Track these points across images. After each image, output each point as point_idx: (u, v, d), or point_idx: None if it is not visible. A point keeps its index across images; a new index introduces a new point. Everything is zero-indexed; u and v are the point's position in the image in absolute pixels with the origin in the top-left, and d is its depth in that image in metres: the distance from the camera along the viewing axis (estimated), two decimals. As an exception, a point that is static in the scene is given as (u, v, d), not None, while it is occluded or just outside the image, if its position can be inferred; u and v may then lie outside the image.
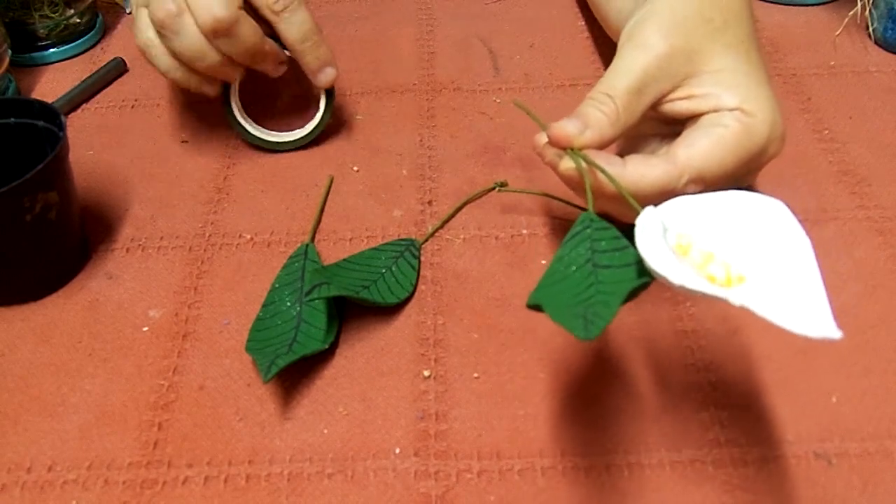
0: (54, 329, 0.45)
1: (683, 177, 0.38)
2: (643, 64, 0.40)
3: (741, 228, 0.31)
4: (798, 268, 0.27)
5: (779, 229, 0.29)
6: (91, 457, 0.39)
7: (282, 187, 0.53)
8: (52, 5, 0.66)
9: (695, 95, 0.41)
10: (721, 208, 0.32)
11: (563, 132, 0.39)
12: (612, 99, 0.40)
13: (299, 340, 0.42)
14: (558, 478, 0.38)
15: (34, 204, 0.43)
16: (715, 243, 0.31)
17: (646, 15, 0.41)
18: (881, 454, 0.38)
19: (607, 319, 0.30)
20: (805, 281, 0.27)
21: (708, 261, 0.31)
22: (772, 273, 0.29)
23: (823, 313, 0.25)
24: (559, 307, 0.32)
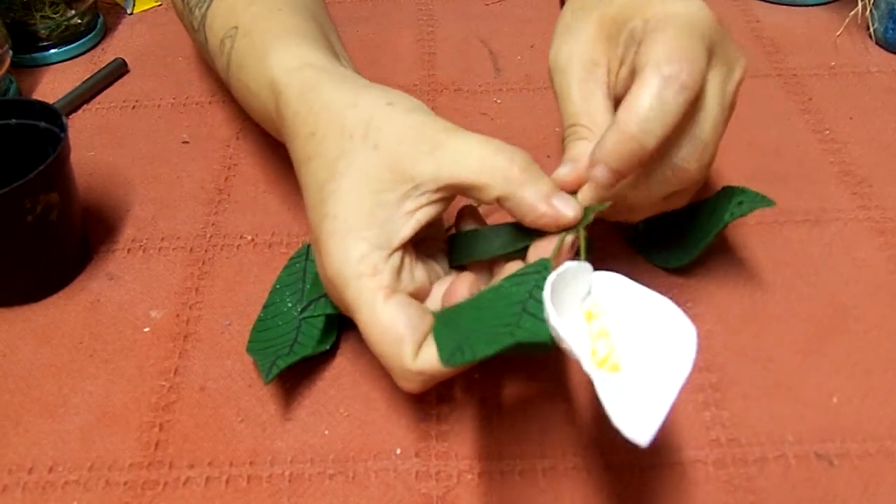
0: (55, 330, 0.45)
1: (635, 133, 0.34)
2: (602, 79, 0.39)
3: (646, 329, 0.32)
4: (664, 384, 0.29)
5: (675, 349, 0.31)
6: (92, 458, 0.39)
7: (283, 188, 0.53)
8: (53, 6, 0.66)
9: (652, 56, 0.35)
10: (645, 304, 0.33)
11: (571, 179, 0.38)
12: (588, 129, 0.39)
13: (300, 341, 0.42)
14: (559, 478, 0.38)
15: (35, 205, 0.43)
16: (617, 327, 0.32)
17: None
18: (882, 454, 0.38)
19: (475, 355, 0.31)
20: (661, 396, 0.29)
21: (601, 335, 0.32)
22: (640, 377, 0.30)
23: (650, 424, 0.28)
24: (456, 326, 0.34)
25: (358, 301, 0.34)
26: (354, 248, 0.34)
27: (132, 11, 0.74)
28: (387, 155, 0.35)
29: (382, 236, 0.35)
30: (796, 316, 0.44)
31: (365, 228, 0.34)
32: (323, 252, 0.35)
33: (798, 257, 0.47)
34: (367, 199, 0.35)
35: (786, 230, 0.49)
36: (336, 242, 0.35)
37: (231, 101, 0.61)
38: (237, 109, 0.60)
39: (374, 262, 0.34)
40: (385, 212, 0.35)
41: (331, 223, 0.35)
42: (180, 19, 0.56)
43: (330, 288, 0.36)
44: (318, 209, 0.36)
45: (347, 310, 0.35)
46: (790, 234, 0.49)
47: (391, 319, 0.34)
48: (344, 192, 0.35)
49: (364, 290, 0.34)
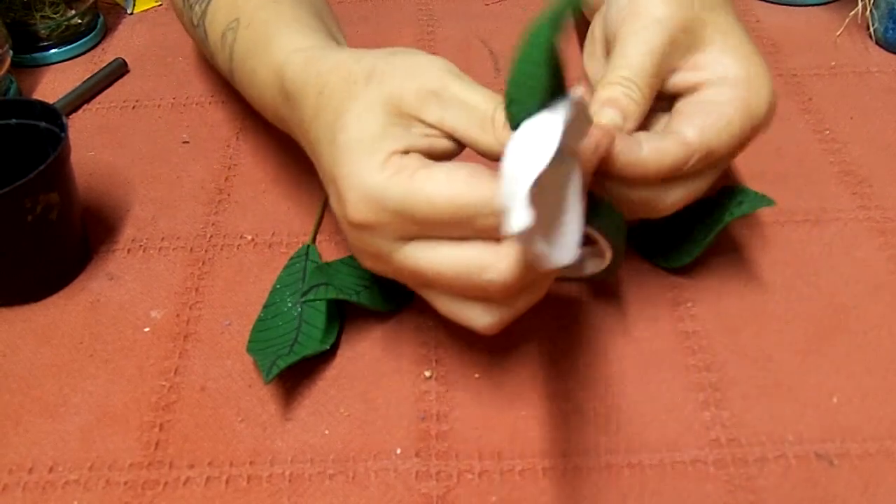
0: (55, 330, 0.45)
1: (694, 156, 0.37)
2: (659, 41, 0.38)
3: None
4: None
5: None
6: (92, 457, 0.39)
7: (283, 188, 0.53)
8: (53, 6, 0.66)
9: (700, 67, 0.39)
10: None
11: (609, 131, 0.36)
12: (636, 85, 0.38)
13: (300, 341, 0.42)
14: (559, 478, 0.38)
15: (35, 205, 0.43)
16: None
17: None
18: (882, 454, 0.38)
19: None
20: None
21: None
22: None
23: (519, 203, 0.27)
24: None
25: (408, 194, 0.32)
26: (373, 157, 0.33)
27: (132, 11, 0.74)
28: (392, 90, 0.35)
29: (399, 143, 0.34)
30: (796, 316, 0.44)
31: (380, 139, 0.34)
32: (344, 178, 0.34)
33: (798, 257, 0.47)
34: (378, 119, 0.34)
35: (786, 230, 0.49)
36: (354, 159, 0.34)
37: (231, 101, 0.61)
38: (237, 109, 0.61)
39: (397, 161, 0.33)
40: (397, 129, 0.34)
41: (345, 148, 0.34)
42: (178, 17, 0.56)
43: (368, 212, 0.34)
44: (330, 149, 0.35)
45: (403, 212, 0.33)
46: (790, 233, 0.49)
47: (449, 179, 0.32)
48: (354, 118, 0.34)
49: (402, 183, 0.33)
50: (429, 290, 0.36)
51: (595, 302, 0.45)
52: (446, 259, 0.33)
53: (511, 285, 0.33)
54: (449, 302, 0.35)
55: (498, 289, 0.33)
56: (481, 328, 0.35)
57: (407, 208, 0.33)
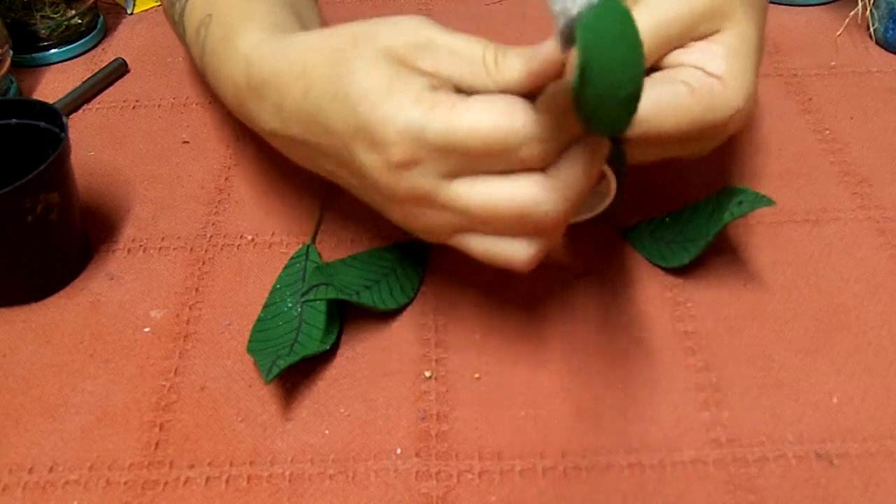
0: (56, 330, 0.45)
1: (641, 126, 0.36)
2: (680, 13, 0.37)
3: None
4: None
5: None
6: (92, 457, 0.39)
7: (283, 188, 0.53)
8: (53, 6, 0.66)
9: (694, 49, 0.38)
10: None
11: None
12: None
13: (300, 341, 0.42)
14: (559, 478, 0.38)
15: (35, 205, 0.43)
16: None
17: None
18: (882, 454, 0.38)
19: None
20: None
21: None
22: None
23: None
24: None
25: (450, 126, 0.32)
26: (405, 94, 0.33)
27: (132, 11, 0.74)
28: (386, 45, 0.34)
29: (423, 80, 0.33)
30: (796, 316, 0.44)
31: (404, 79, 0.33)
32: (379, 121, 0.33)
33: (798, 257, 0.47)
34: (389, 66, 0.34)
35: (786, 230, 0.49)
36: (385, 100, 0.33)
37: (231, 101, 0.61)
38: (237, 109, 0.60)
39: (430, 96, 0.33)
40: (412, 72, 0.34)
41: (365, 97, 0.33)
42: (165, 15, 0.56)
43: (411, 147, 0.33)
44: (344, 107, 0.34)
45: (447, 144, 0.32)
46: (790, 233, 0.49)
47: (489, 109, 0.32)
48: (362, 73, 0.34)
49: (443, 116, 0.32)
50: (464, 235, 0.35)
51: (594, 302, 0.45)
52: (498, 194, 0.33)
53: (565, 217, 0.33)
54: (488, 241, 0.35)
55: (554, 220, 0.33)
56: (523, 262, 0.34)
57: (451, 141, 0.32)
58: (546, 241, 0.34)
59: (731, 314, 0.44)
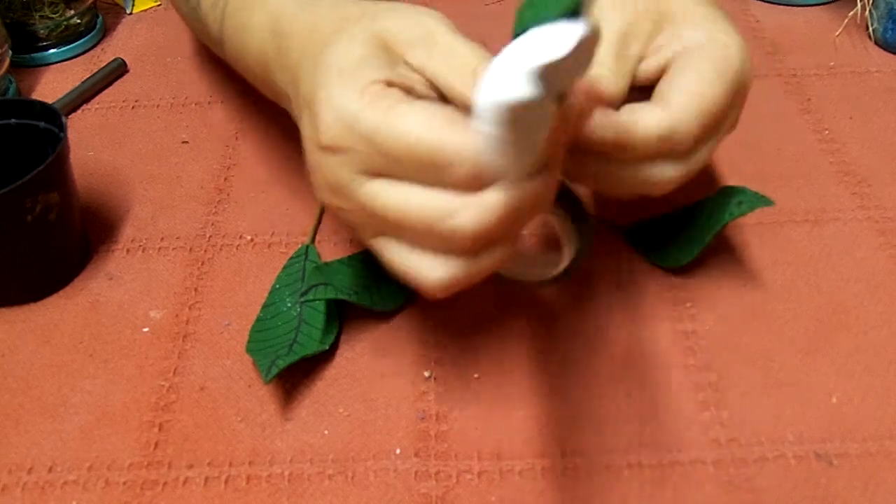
0: (55, 330, 0.45)
1: (685, 119, 0.37)
2: (616, 27, 0.39)
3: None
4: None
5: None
6: (92, 457, 0.39)
7: (282, 188, 0.53)
8: (52, 6, 0.66)
9: (664, 46, 0.39)
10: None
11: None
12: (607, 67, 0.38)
13: (300, 341, 0.42)
14: (559, 478, 0.38)
15: (35, 205, 0.43)
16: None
17: None
18: (882, 454, 0.38)
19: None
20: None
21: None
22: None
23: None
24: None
25: (382, 124, 0.31)
26: (354, 82, 0.32)
27: (131, 11, 0.74)
28: (383, 27, 0.34)
29: (381, 73, 0.33)
30: (796, 316, 0.44)
31: (363, 66, 0.33)
32: (321, 100, 0.33)
33: (798, 257, 0.47)
34: (364, 48, 0.33)
35: (785, 230, 0.49)
36: (334, 82, 0.33)
37: (230, 101, 0.61)
38: (237, 109, 0.60)
39: (378, 90, 0.32)
40: (381, 61, 0.33)
41: (326, 71, 0.33)
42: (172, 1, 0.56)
43: (340, 134, 0.32)
44: (311, 75, 0.34)
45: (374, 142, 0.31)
46: (790, 233, 0.49)
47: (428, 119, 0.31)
48: (339, 47, 0.34)
49: (379, 112, 0.31)
50: (381, 238, 0.34)
51: (594, 302, 0.45)
52: (412, 200, 0.31)
53: (478, 235, 0.31)
54: (402, 251, 0.33)
55: (463, 237, 0.31)
56: (433, 283, 0.33)
57: (379, 139, 0.31)
58: (461, 267, 0.32)
59: (731, 314, 0.44)
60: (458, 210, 0.31)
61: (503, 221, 0.31)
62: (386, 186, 0.32)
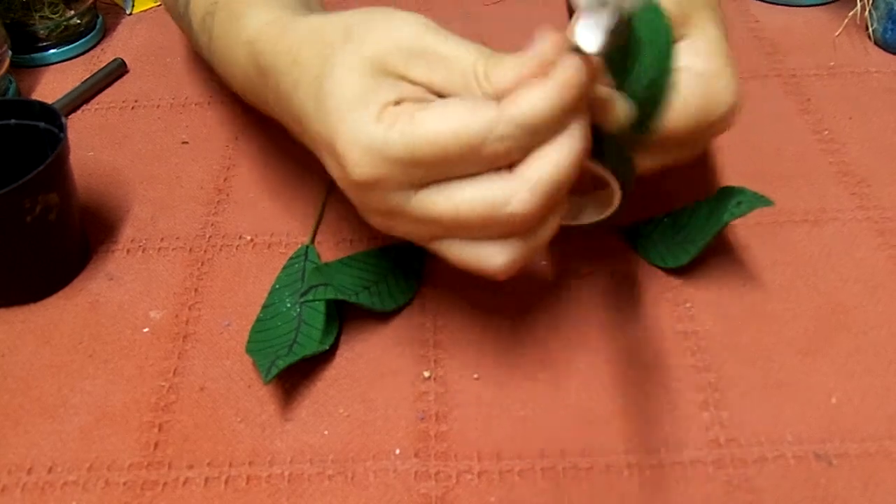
0: (55, 330, 0.45)
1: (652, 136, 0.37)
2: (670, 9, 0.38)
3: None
4: None
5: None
6: (91, 458, 0.39)
7: (282, 188, 0.53)
8: (52, 6, 0.66)
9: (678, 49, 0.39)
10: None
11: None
12: None
13: (299, 342, 0.42)
14: (558, 479, 0.38)
15: (34, 205, 0.43)
16: None
17: None
18: (881, 454, 0.38)
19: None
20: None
21: None
22: None
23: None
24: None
25: (410, 139, 0.31)
26: (367, 111, 0.32)
27: (131, 12, 0.74)
28: (374, 50, 0.34)
29: (390, 94, 0.33)
30: (796, 316, 0.44)
31: (371, 93, 0.33)
32: (341, 139, 0.33)
33: (797, 257, 0.47)
34: (364, 76, 0.33)
35: (785, 230, 0.49)
36: (348, 117, 0.32)
37: (230, 102, 0.61)
38: (236, 110, 0.60)
39: (393, 111, 0.32)
40: (386, 83, 0.33)
41: (335, 110, 0.33)
42: (168, 11, 0.56)
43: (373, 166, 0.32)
44: (319, 116, 0.34)
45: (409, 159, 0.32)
46: (789, 234, 0.49)
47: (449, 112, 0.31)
48: (338, 80, 0.33)
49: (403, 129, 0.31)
50: (441, 241, 0.35)
51: (593, 303, 0.45)
52: (465, 198, 0.32)
53: (535, 213, 0.32)
54: (464, 247, 0.34)
55: (522, 219, 0.32)
56: (500, 268, 0.34)
57: (412, 154, 0.31)
58: (522, 246, 0.33)
59: (731, 314, 0.44)
60: (510, 196, 0.31)
61: (555, 189, 0.32)
62: (434, 194, 0.33)
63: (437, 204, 0.33)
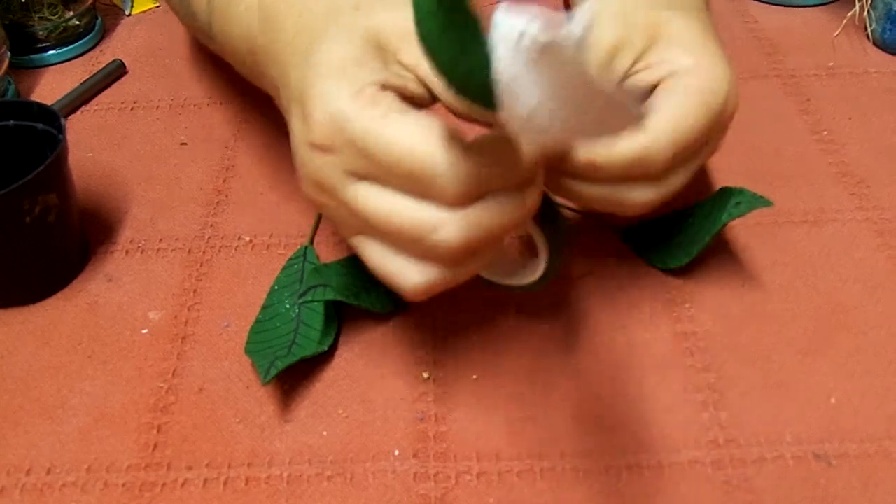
0: (54, 331, 0.45)
1: (659, 144, 0.36)
2: (607, 40, 0.38)
3: None
4: None
5: None
6: (90, 459, 0.39)
7: (281, 189, 0.53)
8: (51, 7, 0.66)
9: (652, 65, 0.39)
10: None
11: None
12: None
13: (298, 342, 0.42)
14: (557, 479, 0.38)
15: (34, 206, 0.43)
16: None
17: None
18: (880, 455, 0.38)
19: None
20: None
21: None
22: None
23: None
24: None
25: (372, 131, 0.31)
26: (348, 84, 0.32)
27: (130, 13, 0.74)
28: (377, 23, 0.33)
29: (376, 76, 0.32)
30: (795, 316, 0.44)
31: (357, 67, 0.32)
32: (314, 98, 0.32)
33: (796, 258, 0.47)
34: (358, 47, 0.33)
35: (784, 230, 0.49)
36: (328, 81, 0.32)
37: (229, 103, 0.61)
38: (235, 111, 0.60)
39: (372, 94, 0.32)
40: (375, 62, 0.33)
41: (318, 68, 0.33)
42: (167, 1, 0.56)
43: (330, 134, 0.32)
44: (302, 70, 0.34)
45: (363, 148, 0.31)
46: (788, 234, 0.49)
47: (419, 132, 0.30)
48: (332, 42, 0.33)
49: (371, 118, 0.31)
50: (363, 238, 0.34)
51: (593, 303, 0.45)
52: (396, 209, 0.32)
53: (459, 249, 0.31)
54: (384, 253, 0.33)
55: (446, 251, 0.31)
56: (411, 287, 0.33)
57: (369, 146, 0.31)
58: (440, 274, 0.33)
59: (730, 315, 0.44)
60: (442, 224, 0.31)
61: (487, 236, 0.31)
62: (372, 191, 0.32)
63: (370, 201, 0.32)
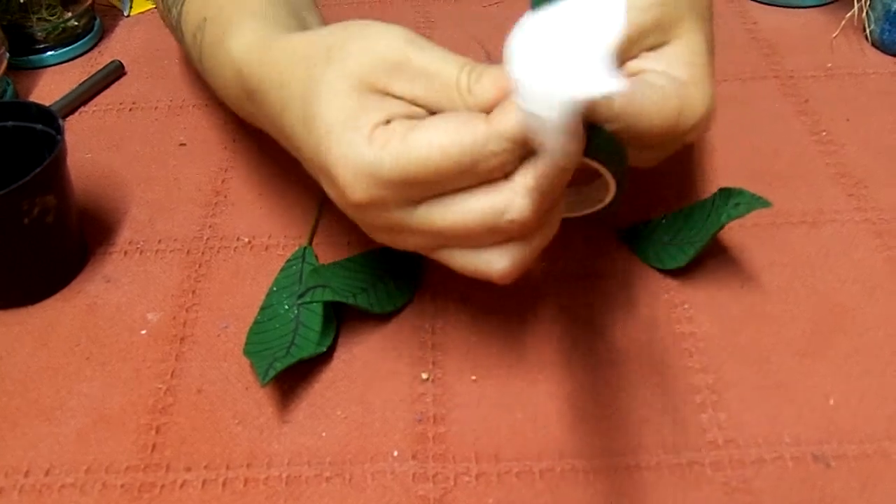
0: (52, 332, 0.45)
1: (615, 124, 0.35)
2: (632, 23, 0.37)
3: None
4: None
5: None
6: (89, 460, 0.39)
7: (279, 190, 0.53)
8: (49, 8, 0.66)
9: (651, 58, 0.38)
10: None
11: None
12: None
13: (297, 344, 0.42)
14: (556, 480, 0.38)
15: (32, 207, 0.43)
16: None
17: None
18: (879, 455, 0.38)
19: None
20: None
21: None
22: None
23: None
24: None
25: (403, 161, 0.31)
26: (357, 133, 0.32)
27: (129, 13, 0.74)
28: (355, 68, 0.33)
29: (379, 114, 0.33)
30: (793, 317, 0.44)
31: (359, 115, 0.33)
32: (334, 163, 0.33)
33: (795, 258, 0.47)
34: (350, 97, 0.33)
35: (783, 231, 0.49)
36: (338, 141, 0.32)
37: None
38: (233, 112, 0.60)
39: (383, 131, 0.32)
40: (372, 102, 0.33)
41: (325, 134, 0.33)
42: (163, 20, 0.56)
43: (368, 189, 0.33)
44: (310, 140, 0.34)
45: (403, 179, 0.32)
46: (787, 235, 0.49)
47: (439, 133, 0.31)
48: (325, 103, 0.33)
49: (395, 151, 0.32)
50: (443, 251, 0.35)
51: (592, 304, 0.45)
52: (464, 211, 0.33)
53: (533, 218, 0.32)
54: (466, 255, 0.35)
55: (521, 226, 0.32)
56: (502, 272, 0.34)
57: (405, 175, 0.32)
58: (523, 250, 0.34)
59: (729, 316, 0.44)
60: (508, 204, 0.32)
61: (550, 195, 0.32)
62: (434, 208, 0.33)
63: (438, 218, 0.33)
